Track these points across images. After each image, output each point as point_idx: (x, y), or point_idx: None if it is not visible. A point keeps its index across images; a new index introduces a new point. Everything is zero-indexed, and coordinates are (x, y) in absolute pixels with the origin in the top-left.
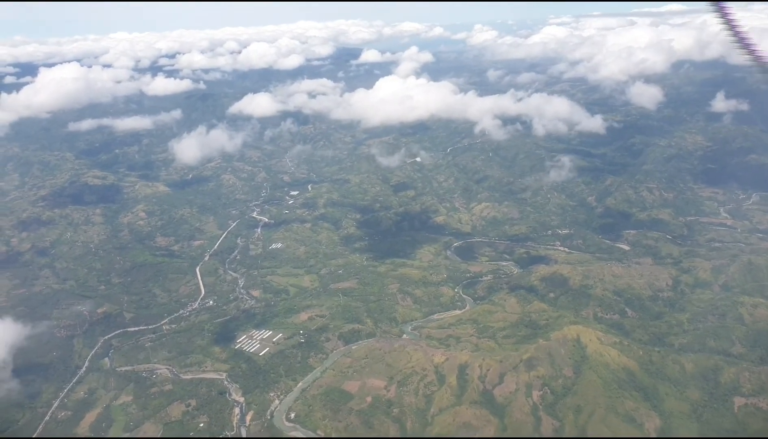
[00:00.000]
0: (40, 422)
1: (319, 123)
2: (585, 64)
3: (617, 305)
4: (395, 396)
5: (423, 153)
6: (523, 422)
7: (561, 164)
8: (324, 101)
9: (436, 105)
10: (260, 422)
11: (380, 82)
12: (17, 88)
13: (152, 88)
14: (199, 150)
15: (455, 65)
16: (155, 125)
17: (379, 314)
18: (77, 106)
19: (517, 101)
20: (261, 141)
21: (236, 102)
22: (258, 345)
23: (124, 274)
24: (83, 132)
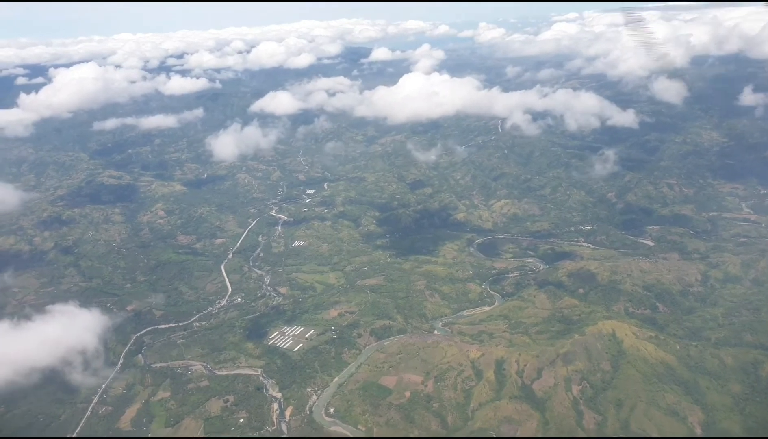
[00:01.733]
0: (82, 417)
1: (342, 120)
2: (602, 60)
3: (648, 300)
4: (433, 391)
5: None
6: (564, 416)
7: (577, 161)
8: (344, 99)
9: (462, 101)
10: (300, 417)
11: (404, 79)
12: (32, 89)
13: (169, 88)
14: (236, 147)
15: (470, 62)
16: (180, 123)
17: (408, 310)
18: (95, 106)
19: (542, 97)
20: (292, 138)
21: (256, 100)
22: (291, 341)
23: (149, 272)
24: (104, 132)
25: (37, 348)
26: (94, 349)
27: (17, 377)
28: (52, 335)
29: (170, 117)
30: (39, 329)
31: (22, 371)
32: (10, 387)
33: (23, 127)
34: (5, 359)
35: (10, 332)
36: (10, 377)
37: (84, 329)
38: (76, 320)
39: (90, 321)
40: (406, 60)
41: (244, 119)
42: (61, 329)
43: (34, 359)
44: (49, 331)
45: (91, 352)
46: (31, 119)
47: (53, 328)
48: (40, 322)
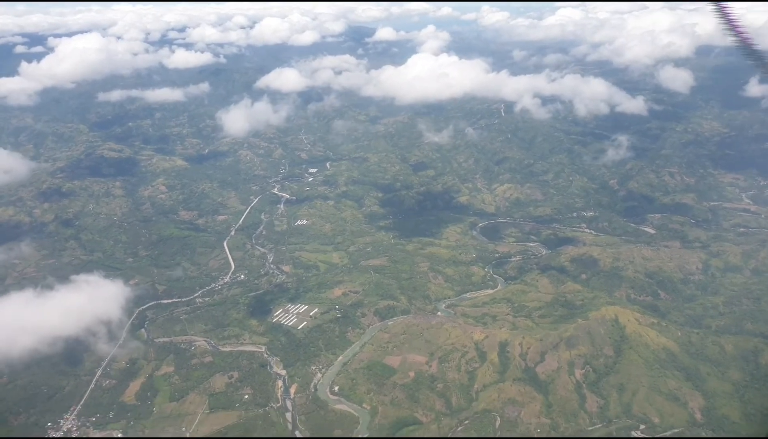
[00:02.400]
0: (86, 389)
1: (349, 99)
2: (607, 47)
3: (649, 286)
4: (438, 372)
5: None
6: (567, 399)
7: (580, 147)
8: (351, 78)
9: (471, 83)
10: (304, 394)
11: (412, 60)
12: (31, 58)
13: (173, 61)
14: (246, 123)
15: (476, 45)
16: (186, 97)
17: (412, 291)
18: (99, 77)
19: (551, 82)
20: (298, 116)
21: (261, 76)
22: (295, 319)
23: (151, 247)
24: (104, 104)
25: (45, 319)
26: (99, 322)
27: (29, 346)
28: (60, 306)
29: (176, 91)
30: (45, 301)
31: (36, 341)
32: (12, 358)
33: (27, 96)
34: (19, 327)
35: (24, 302)
36: (24, 346)
37: (97, 301)
38: (86, 292)
39: (102, 293)
40: (411, 40)
41: (251, 95)
42: (71, 300)
43: (44, 329)
44: (58, 303)
45: (95, 325)
46: (34, 88)
47: (60, 300)
48: (45, 293)
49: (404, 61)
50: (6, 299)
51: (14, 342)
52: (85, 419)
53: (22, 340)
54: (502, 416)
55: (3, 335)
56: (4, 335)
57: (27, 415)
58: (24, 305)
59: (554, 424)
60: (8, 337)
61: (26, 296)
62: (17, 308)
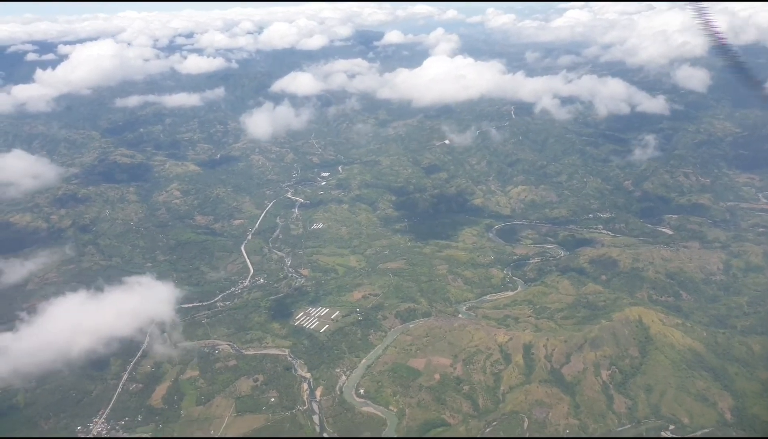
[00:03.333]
0: (113, 393)
1: (365, 102)
2: (619, 48)
3: (671, 287)
4: (463, 374)
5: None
6: (594, 400)
7: (592, 149)
8: (366, 81)
9: (488, 85)
10: (330, 397)
11: (428, 62)
12: (44, 66)
13: (185, 67)
14: (270, 126)
15: (486, 47)
16: (203, 102)
17: (432, 294)
18: (113, 83)
19: (567, 83)
20: (323, 118)
21: (275, 81)
22: (316, 322)
23: (169, 251)
24: (114, 110)
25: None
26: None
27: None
28: (111, 308)
29: (193, 95)
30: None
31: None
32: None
33: (45, 103)
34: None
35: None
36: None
37: (148, 303)
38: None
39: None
40: (420, 44)
41: (266, 99)
42: (122, 302)
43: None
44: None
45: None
46: (51, 95)
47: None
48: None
49: (416, 64)
50: (58, 301)
51: (73, 343)
52: (114, 422)
53: (80, 340)
54: (529, 418)
55: (62, 335)
56: (63, 336)
57: (57, 419)
58: (77, 306)
59: (583, 425)
60: (67, 338)
61: (78, 299)
62: (69, 310)
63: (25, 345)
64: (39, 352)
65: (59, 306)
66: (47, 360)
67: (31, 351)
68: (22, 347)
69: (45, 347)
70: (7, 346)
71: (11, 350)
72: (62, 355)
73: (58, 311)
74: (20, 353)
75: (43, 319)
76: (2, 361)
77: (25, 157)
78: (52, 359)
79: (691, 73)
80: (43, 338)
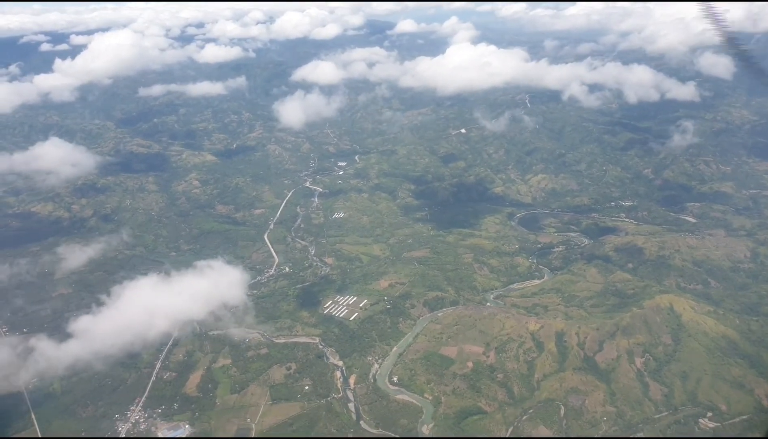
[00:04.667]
0: (148, 382)
1: (391, 91)
2: (637, 36)
3: (699, 275)
4: (496, 362)
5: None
6: (630, 387)
7: (610, 137)
8: (387, 69)
9: (512, 72)
10: (364, 385)
11: (451, 49)
12: (57, 56)
13: (203, 56)
14: (303, 114)
15: (503, 36)
16: (228, 91)
17: (458, 282)
18: (131, 72)
19: (592, 70)
20: (353, 105)
21: (294, 69)
22: (345, 310)
23: (192, 241)
24: (132, 99)
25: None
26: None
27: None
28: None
29: (216, 84)
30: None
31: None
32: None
33: (69, 92)
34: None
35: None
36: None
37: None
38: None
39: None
40: (434, 32)
41: (289, 88)
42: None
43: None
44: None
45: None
46: (74, 85)
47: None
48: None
49: (433, 52)
50: (133, 284)
51: (151, 325)
52: (151, 410)
53: (158, 323)
54: (565, 405)
55: (140, 318)
56: (142, 318)
57: (95, 407)
58: (149, 290)
59: (620, 412)
60: (144, 321)
61: (150, 282)
62: (142, 294)
63: (105, 328)
64: (118, 335)
65: (133, 290)
66: (127, 342)
67: (110, 334)
68: (102, 329)
69: (124, 329)
70: (87, 328)
71: (91, 333)
72: (140, 337)
73: (132, 295)
74: (100, 335)
75: (119, 302)
76: (84, 343)
77: (62, 145)
78: (130, 342)
79: (715, 61)
80: (121, 321)
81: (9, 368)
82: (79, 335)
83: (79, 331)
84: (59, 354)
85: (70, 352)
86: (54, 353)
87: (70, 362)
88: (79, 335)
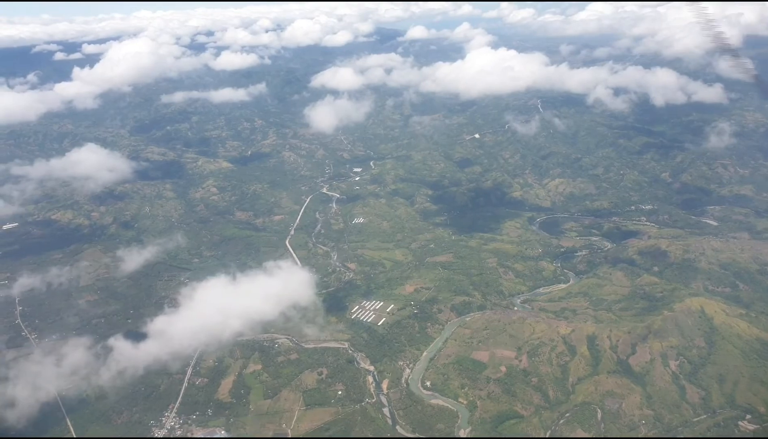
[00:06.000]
0: (180, 388)
1: (415, 95)
2: (651, 40)
3: (726, 278)
4: (529, 366)
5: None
6: (666, 390)
7: (625, 141)
8: (405, 75)
9: (533, 76)
10: (397, 390)
11: (472, 55)
12: (72, 64)
13: (219, 63)
14: (335, 119)
15: (517, 41)
16: (250, 97)
17: (484, 287)
18: (149, 80)
19: (614, 73)
20: (381, 111)
21: (312, 76)
22: (373, 315)
23: (214, 247)
24: (138, 107)
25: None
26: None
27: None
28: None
29: (239, 91)
30: None
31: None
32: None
33: (92, 100)
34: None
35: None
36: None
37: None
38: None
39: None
40: (446, 39)
41: (309, 94)
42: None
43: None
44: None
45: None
46: (95, 92)
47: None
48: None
49: (448, 58)
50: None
51: (225, 326)
52: (185, 417)
53: (232, 323)
54: (602, 409)
55: (215, 319)
56: (216, 319)
57: (129, 413)
58: (220, 290)
59: (658, 415)
60: (219, 321)
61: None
62: (214, 294)
63: (180, 328)
64: (194, 334)
65: (204, 290)
66: (201, 342)
67: (186, 334)
68: (177, 329)
69: (199, 329)
70: (163, 329)
71: (167, 333)
72: (214, 337)
73: (203, 295)
74: (176, 335)
75: (192, 303)
76: (162, 344)
77: (98, 150)
78: (205, 342)
79: (734, 64)
80: (196, 321)
81: (90, 368)
82: (156, 337)
83: (155, 332)
84: (137, 354)
85: (149, 352)
86: (132, 353)
87: (149, 362)
88: (155, 336)
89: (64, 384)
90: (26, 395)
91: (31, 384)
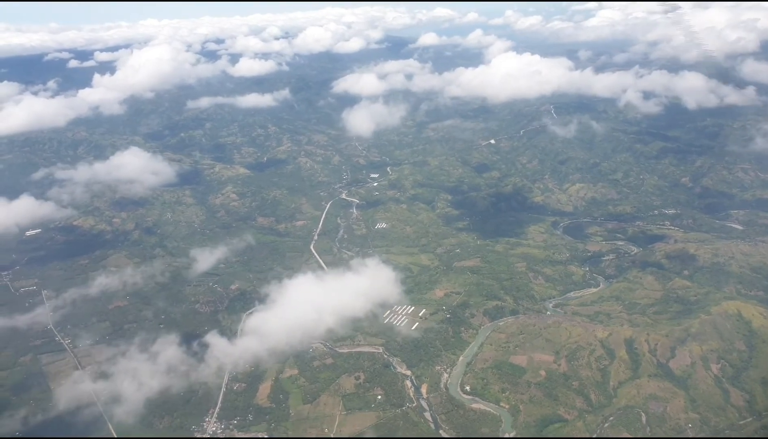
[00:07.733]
0: (219, 393)
1: (439, 100)
2: (667, 45)
3: (759, 281)
4: (568, 370)
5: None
6: (709, 393)
7: (641, 146)
8: (428, 80)
9: (559, 81)
10: (437, 394)
11: (497, 60)
12: (87, 72)
13: (237, 70)
14: (374, 124)
15: (533, 47)
16: (277, 102)
17: (515, 291)
18: (168, 86)
19: (639, 78)
20: (416, 115)
21: (332, 82)
22: (405, 320)
23: (239, 253)
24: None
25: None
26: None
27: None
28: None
29: (265, 96)
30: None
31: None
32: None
33: (118, 105)
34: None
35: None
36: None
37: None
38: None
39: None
40: (458, 45)
41: (333, 99)
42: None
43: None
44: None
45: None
46: (119, 98)
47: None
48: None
49: (464, 63)
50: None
51: (319, 322)
52: (226, 422)
53: (325, 320)
54: (646, 412)
55: (309, 316)
56: (311, 316)
57: (170, 418)
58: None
59: (703, 419)
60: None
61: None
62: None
63: (274, 326)
64: (290, 332)
65: (294, 288)
66: (296, 340)
67: (281, 331)
68: (272, 327)
69: (294, 327)
70: (258, 326)
71: (262, 331)
72: (307, 334)
73: (294, 293)
74: (272, 332)
75: (283, 300)
76: (258, 340)
77: (141, 154)
78: (299, 339)
79: (757, 68)
80: (290, 319)
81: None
82: (251, 334)
83: (250, 329)
84: (235, 351)
85: (247, 348)
86: (229, 349)
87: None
88: (251, 333)
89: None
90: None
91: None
